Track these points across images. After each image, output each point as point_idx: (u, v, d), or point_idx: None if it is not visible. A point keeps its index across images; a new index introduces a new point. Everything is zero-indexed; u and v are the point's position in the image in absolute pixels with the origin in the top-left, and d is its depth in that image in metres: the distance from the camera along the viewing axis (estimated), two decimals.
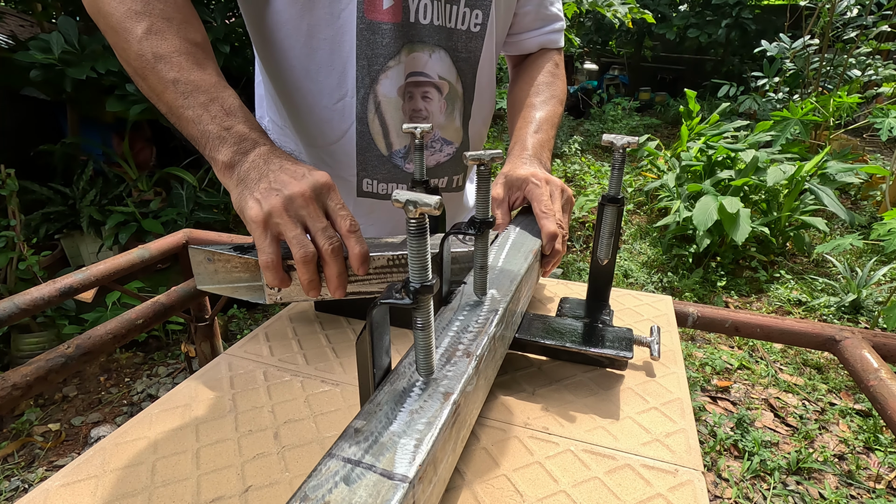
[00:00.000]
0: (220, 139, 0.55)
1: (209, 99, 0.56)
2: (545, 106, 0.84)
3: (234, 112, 0.57)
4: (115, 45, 0.59)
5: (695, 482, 0.45)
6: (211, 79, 0.58)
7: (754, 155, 3.10)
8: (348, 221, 0.54)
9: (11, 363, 2.15)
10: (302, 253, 0.51)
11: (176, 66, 0.56)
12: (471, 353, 0.43)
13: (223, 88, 0.58)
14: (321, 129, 0.78)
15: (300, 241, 0.51)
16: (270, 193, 0.52)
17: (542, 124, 0.81)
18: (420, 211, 0.34)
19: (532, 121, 0.81)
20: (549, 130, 0.81)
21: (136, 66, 0.57)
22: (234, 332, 2.54)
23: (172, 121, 0.59)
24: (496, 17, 0.80)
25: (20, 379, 0.64)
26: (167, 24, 0.57)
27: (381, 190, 0.83)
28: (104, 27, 0.59)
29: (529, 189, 0.68)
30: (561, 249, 0.65)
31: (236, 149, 0.55)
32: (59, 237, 2.59)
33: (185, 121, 0.56)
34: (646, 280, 3.06)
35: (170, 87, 0.56)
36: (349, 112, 0.76)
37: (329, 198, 0.54)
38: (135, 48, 0.56)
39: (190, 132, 0.57)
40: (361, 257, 0.54)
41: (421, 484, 0.33)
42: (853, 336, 0.75)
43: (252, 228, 0.52)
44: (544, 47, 0.91)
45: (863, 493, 1.69)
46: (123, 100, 2.48)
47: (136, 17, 0.56)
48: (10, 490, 1.69)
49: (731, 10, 6.50)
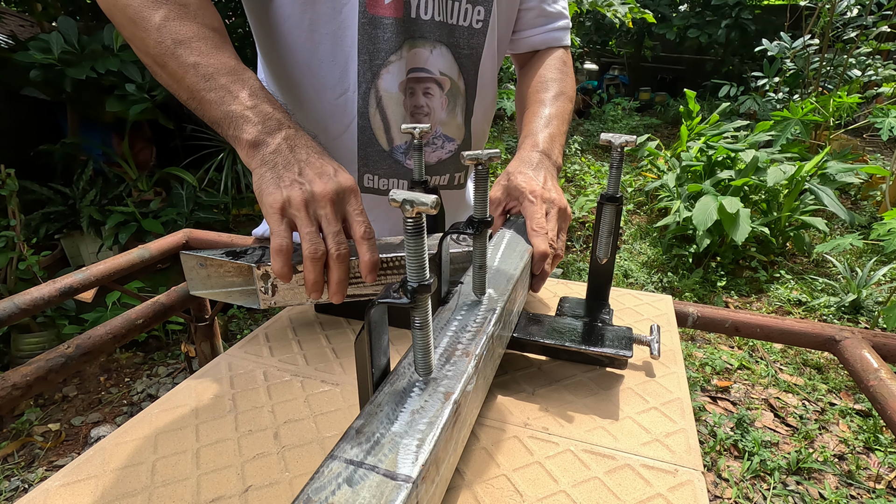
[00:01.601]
0: (243, 119, 0.55)
1: (231, 80, 0.56)
2: (556, 102, 0.83)
3: (256, 92, 0.57)
4: (132, 38, 0.59)
5: (695, 482, 0.45)
6: (231, 61, 0.58)
7: (754, 155, 3.10)
8: (363, 227, 0.54)
9: (11, 363, 2.15)
10: (312, 250, 0.51)
11: (196, 51, 0.56)
12: (470, 352, 0.43)
13: (244, 70, 0.58)
14: (324, 124, 0.78)
15: (312, 239, 0.52)
16: (294, 185, 0.52)
17: (552, 119, 0.80)
18: (417, 210, 0.34)
19: (542, 115, 0.80)
20: (559, 126, 0.80)
21: (155, 55, 0.57)
22: (234, 332, 2.54)
23: (193, 106, 0.58)
24: (498, 14, 0.80)
25: (20, 379, 0.64)
26: (184, 11, 0.58)
27: (382, 186, 0.83)
28: (121, 20, 0.59)
29: (525, 206, 0.67)
30: (549, 270, 0.64)
31: (261, 128, 0.55)
32: (59, 237, 2.59)
33: (207, 104, 0.56)
34: (646, 280, 3.06)
35: (190, 72, 0.56)
36: (351, 107, 0.76)
37: (349, 202, 0.55)
38: (154, 36, 0.57)
39: (212, 115, 0.57)
40: (371, 265, 0.54)
41: (424, 484, 0.33)
42: (853, 336, 0.75)
43: (268, 213, 0.52)
44: (549, 45, 0.91)
45: (863, 493, 1.69)
46: (123, 100, 2.48)
47: (153, 6, 0.57)
48: (10, 490, 1.69)
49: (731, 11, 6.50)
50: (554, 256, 0.65)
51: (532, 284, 0.65)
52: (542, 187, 0.68)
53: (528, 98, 0.86)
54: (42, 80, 2.34)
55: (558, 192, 0.70)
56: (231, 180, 2.91)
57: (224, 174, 2.90)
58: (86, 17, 2.98)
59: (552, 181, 0.71)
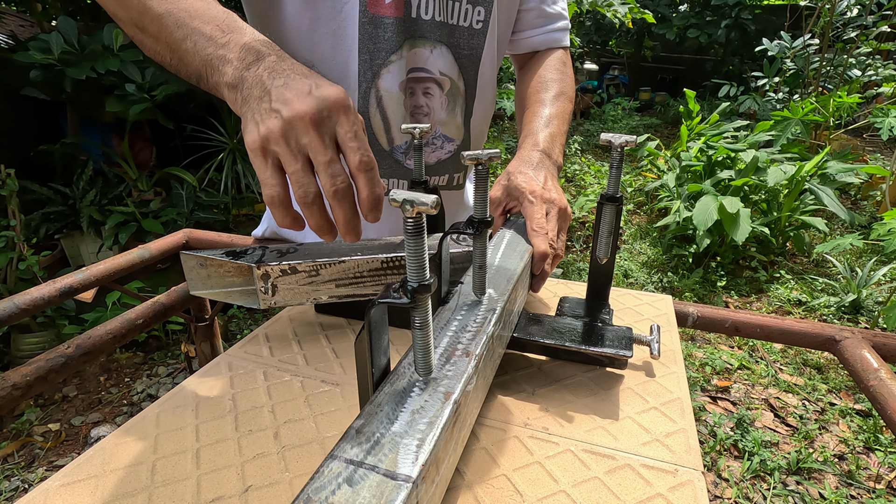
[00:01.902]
0: (220, 59, 0.47)
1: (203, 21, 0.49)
2: (556, 102, 0.83)
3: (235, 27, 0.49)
4: (114, 12, 0.54)
5: (695, 482, 0.45)
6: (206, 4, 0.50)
7: (754, 155, 3.10)
8: (358, 156, 0.44)
9: (11, 363, 2.15)
10: (301, 193, 0.43)
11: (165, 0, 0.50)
12: (470, 352, 0.43)
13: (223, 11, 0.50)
14: None
15: (298, 179, 0.43)
16: (270, 115, 0.43)
17: (552, 119, 0.80)
18: (417, 210, 0.34)
19: (542, 115, 0.80)
20: (560, 125, 0.80)
21: (132, 17, 0.52)
22: (234, 332, 2.54)
23: (177, 67, 0.51)
24: (498, 15, 0.80)
25: (20, 379, 0.64)
26: None
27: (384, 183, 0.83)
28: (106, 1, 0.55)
29: (525, 206, 0.67)
30: (549, 270, 0.64)
31: (238, 64, 0.46)
32: (59, 237, 2.59)
33: (185, 56, 0.49)
34: (646, 280, 3.06)
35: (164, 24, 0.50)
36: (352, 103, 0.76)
37: (339, 122, 0.44)
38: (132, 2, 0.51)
39: (193, 68, 0.49)
40: (371, 202, 0.45)
41: (424, 484, 0.33)
42: (853, 336, 0.75)
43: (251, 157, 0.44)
44: (549, 46, 0.91)
45: (863, 493, 1.69)
46: (123, 100, 2.48)
47: None
48: (10, 490, 1.69)
49: (731, 11, 6.50)
50: (554, 256, 0.65)
51: (532, 284, 0.65)
52: (542, 187, 0.68)
53: (527, 98, 0.86)
54: (42, 80, 2.34)
55: (558, 191, 0.70)
56: (231, 180, 2.92)
57: (224, 174, 2.91)
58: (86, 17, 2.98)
59: (552, 181, 0.71)
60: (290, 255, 0.60)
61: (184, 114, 3.10)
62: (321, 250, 0.62)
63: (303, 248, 0.63)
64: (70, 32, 2.43)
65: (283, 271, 0.58)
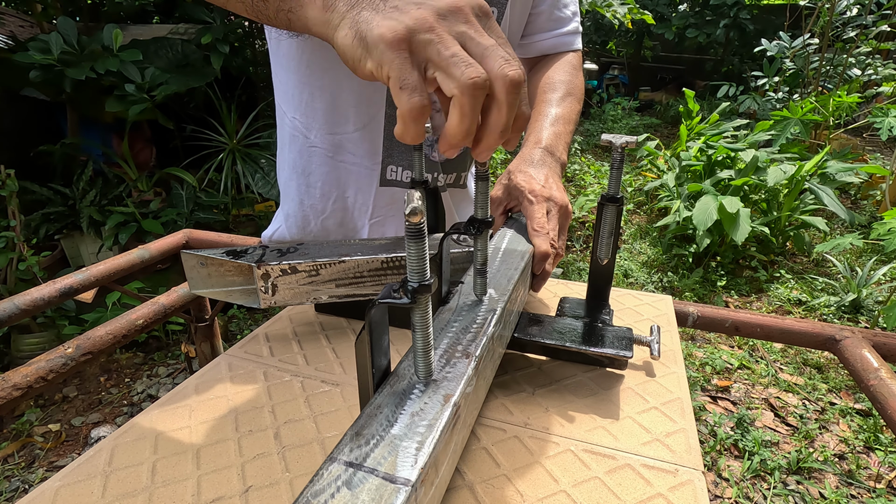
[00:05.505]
0: None
1: None
2: (563, 102, 0.82)
3: None
4: None
5: (695, 482, 0.45)
6: None
7: (754, 155, 3.10)
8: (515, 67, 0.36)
9: (11, 363, 2.15)
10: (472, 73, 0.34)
11: None
12: (470, 353, 0.43)
13: None
14: (346, 113, 0.77)
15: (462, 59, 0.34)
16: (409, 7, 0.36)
17: (558, 118, 0.79)
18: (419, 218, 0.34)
19: (548, 115, 0.80)
20: (566, 125, 0.79)
21: None
22: (234, 332, 2.54)
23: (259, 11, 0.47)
24: (511, 17, 0.80)
25: (20, 379, 0.64)
26: None
27: (406, 178, 0.82)
28: None
29: (525, 206, 0.66)
30: (549, 270, 0.64)
31: None
32: (59, 237, 2.59)
33: None
34: (646, 280, 3.06)
35: None
36: (379, 96, 0.75)
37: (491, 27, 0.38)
38: None
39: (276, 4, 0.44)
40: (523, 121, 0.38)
41: (423, 487, 0.33)
42: (853, 336, 0.75)
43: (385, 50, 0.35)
44: (559, 50, 0.90)
45: (863, 493, 1.69)
46: (123, 100, 2.48)
47: None
48: (10, 490, 1.69)
49: (730, 10, 6.50)
50: (555, 256, 0.65)
51: (533, 284, 0.65)
52: (542, 186, 0.68)
53: (535, 99, 0.86)
54: (42, 81, 2.35)
55: (559, 188, 0.69)
56: (231, 180, 2.91)
57: (224, 174, 2.90)
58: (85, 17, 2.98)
59: (553, 178, 0.70)
60: (291, 255, 0.60)
61: (183, 114, 3.10)
62: (321, 250, 0.62)
63: (303, 248, 0.63)
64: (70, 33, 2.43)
65: (283, 271, 0.58)
